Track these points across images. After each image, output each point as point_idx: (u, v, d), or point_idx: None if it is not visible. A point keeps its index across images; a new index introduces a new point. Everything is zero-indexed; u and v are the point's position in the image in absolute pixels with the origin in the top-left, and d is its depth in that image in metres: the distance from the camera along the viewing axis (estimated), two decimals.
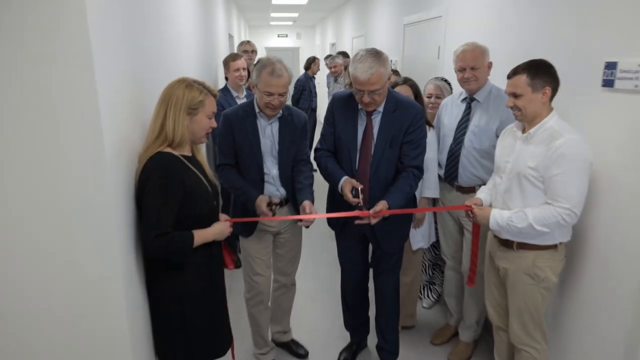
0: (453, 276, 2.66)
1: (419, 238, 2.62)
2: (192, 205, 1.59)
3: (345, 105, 2.12)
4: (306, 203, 2.07)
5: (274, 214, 2.09)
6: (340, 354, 2.58)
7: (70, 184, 1.28)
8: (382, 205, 1.95)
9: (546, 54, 1.88)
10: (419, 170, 2.08)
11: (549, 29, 2.20)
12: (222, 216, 1.81)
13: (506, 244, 1.93)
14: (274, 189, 2.20)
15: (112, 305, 1.39)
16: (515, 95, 1.80)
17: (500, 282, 2.05)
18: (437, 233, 2.79)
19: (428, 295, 3.13)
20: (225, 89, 3.37)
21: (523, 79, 1.76)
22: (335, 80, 5.91)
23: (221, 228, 1.71)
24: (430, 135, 2.47)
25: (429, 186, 2.50)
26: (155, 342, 1.70)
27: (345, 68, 3.60)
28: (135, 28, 1.70)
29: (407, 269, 2.70)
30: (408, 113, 2.03)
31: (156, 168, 1.52)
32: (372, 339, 2.61)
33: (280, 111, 2.14)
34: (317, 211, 2.09)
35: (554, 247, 1.85)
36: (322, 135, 2.22)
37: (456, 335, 2.71)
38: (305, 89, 5.88)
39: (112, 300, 1.39)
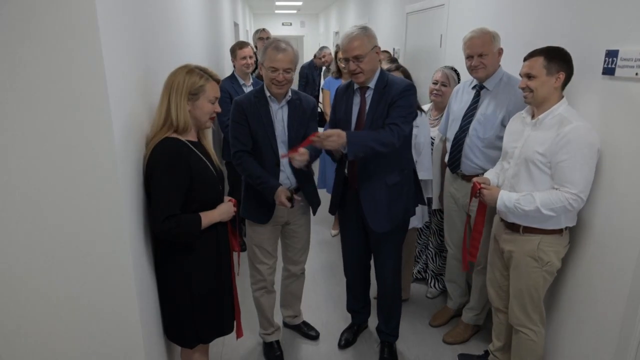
0: (455, 265, 2.68)
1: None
2: (198, 189, 1.62)
3: (344, 92, 2.23)
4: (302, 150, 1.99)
5: (292, 206, 2.12)
6: (342, 334, 2.65)
7: (79, 169, 1.30)
8: (334, 132, 1.91)
9: (547, 42, 1.90)
10: (397, 127, 2.00)
11: (550, 17, 2.19)
12: (226, 198, 1.84)
13: (512, 227, 1.95)
14: (284, 176, 2.20)
15: (121, 287, 1.42)
16: (529, 77, 1.82)
17: (503, 264, 2.08)
18: (442, 220, 2.85)
19: (435, 285, 3.12)
20: (232, 77, 3.40)
21: (540, 61, 1.79)
22: (328, 69, 5.89)
23: (226, 208, 1.74)
24: (422, 119, 2.51)
25: (422, 168, 2.55)
26: (164, 322, 1.76)
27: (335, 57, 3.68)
28: (142, 14, 1.71)
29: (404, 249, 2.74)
30: (396, 87, 2.06)
31: (163, 153, 1.56)
32: (373, 321, 2.67)
33: (290, 94, 2.17)
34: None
35: (559, 232, 1.88)
36: (327, 122, 2.32)
37: (455, 317, 2.77)
38: (308, 80, 5.87)
39: (121, 282, 1.41)
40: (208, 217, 1.66)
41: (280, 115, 2.18)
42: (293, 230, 2.38)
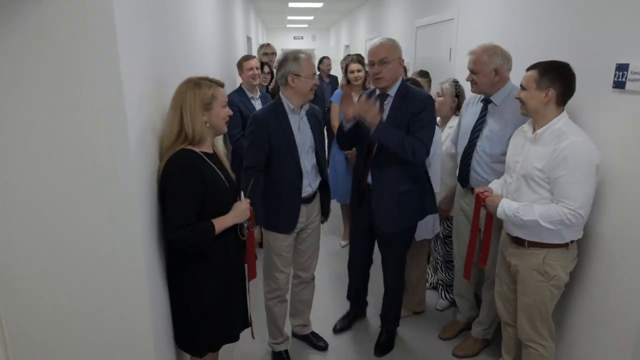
0: (462, 278, 2.62)
1: (422, 229, 2.67)
2: (211, 201, 1.63)
3: (366, 97, 2.31)
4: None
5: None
6: (338, 320, 2.85)
7: (94, 177, 1.31)
8: (377, 116, 2.10)
9: (557, 56, 1.90)
10: (424, 147, 2.13)
11: (560, 31, 2.20)
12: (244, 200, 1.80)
13: (517, 241, 1.95)
14: (306, 183, 2.26)
15: (134, 295, 1.43)
16: (522, 88, 1.87)
17: (511, 278, 2.07)
18: (449, 228, 2.86)
19: (445, 296, 3.09)
20: (239, 90, 3.43)
21: (533, 74, 1.83)
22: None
23: (241, 209, 1.73)
24: (437, 133, 2.52)
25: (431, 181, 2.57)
26: (175, 330, 1.76)
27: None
28: (160, 27, 1.75)
29: (415, 260, 2.80)
30: (418, 98, 2.20)
31: (178, 164, 1.58)
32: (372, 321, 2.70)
33: (308, 105, 2.25)
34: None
35: (565, 245, 1.86)
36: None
37: (465, 330, 2.74)
38: (317, 94, 5.86)
39: (134, 290, 1.42)
40: (221, 223, 1.66)
41: (301, 126, 2.23)
42: (307, 235, 2.41)
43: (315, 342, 2.69)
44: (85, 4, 1.20)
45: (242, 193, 1.82)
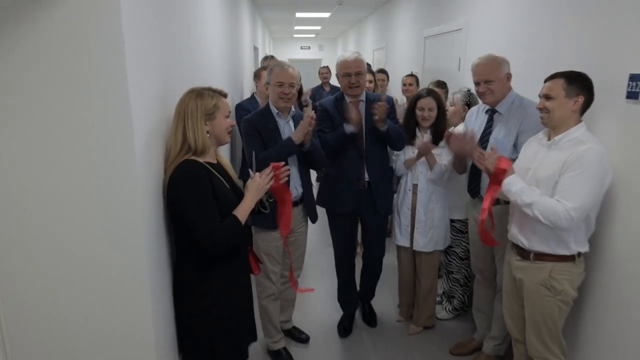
0: (482, 291, 2.59)
1: (435, 240, 2.68)
2: (218, 211, 1.61)
3: (336, 105, 2.61)
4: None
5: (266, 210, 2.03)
6: (339, 326, 2.92)
7: (97, 185, 1.31)
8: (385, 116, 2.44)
9: (569, 66, 1.89)
10: (402, 132, 2.61)
11: (572, 41, 2.18)
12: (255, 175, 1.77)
13: (523, 254, 1.92)
14: (292, 185, 2.35)
15: (137, 303, 1.42)
16: (547, 97, 1.83)
17: (518, 293, 2.03)
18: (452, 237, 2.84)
19: (447, 308, 3.05)
20: (252, 98, 3.53)
21: (560, 82, 1.81)
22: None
23: (255, 187, 1.70)
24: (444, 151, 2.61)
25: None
26: (180, 341, 1.74)
27: None
28: (168, 36, 1.76)
29: (425, 272, 2.77)
30: (387, 99, 2.56)
31: (183, 177, 1.57)
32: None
33: (294, 109, 2.42)
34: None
35: (572, 258, 1.83)
36: (318, 130, 2.56)
37: (478, 349, 2.66)
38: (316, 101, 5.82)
39: (137, 299, 1.42)
40: (242, 210, 1.64)
41: (287, 130, 2.38)
42: (295, 237, 2.52)
43: (298, 335, 2.82)
44: (93, 11, 1.21)
45: (250, 172, 1.82)
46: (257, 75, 3.63)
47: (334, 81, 5.90)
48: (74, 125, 1.27)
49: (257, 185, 1.71)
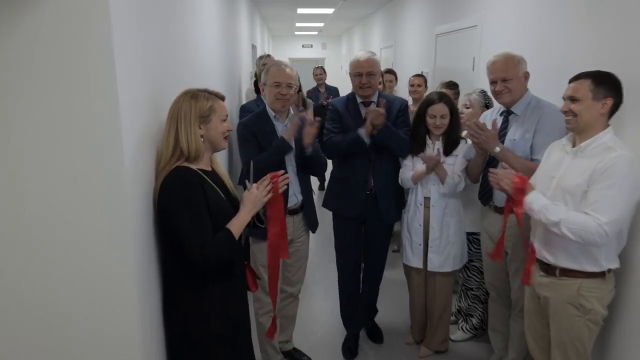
0: (497, 309, 2.47)
1: (451, 258, 2.50)
2: (212, 220, 1.55)
3: (347, 106, 2.59)
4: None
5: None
6: (344, 346, 2.80)
7: (85, 190, 1.27)
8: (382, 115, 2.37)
9: (588, 67, 1.80)
10: (406, 139, 2.53)
11: (592, 41, 2.11)
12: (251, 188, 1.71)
13: (547, 270, 1.83)
14: (291, 192, 2.28)
15: (125, 331, 1.37)
16: (573, 100, 1.75)
17: (542, 312, 1.92)
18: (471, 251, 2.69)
19: (463, 328, 2.87)
20: (259, 99, 3.47)
21: (587, 83, 1.72)
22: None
23: (252, 200, 1.63)
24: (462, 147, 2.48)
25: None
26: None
27: None
28: (160, 35, 1.73)
29: (439, 293, 2.59)
30: (396, 103, 2.57)
31: (175, 185, 1.50)
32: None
33: (291, 111, 2.36)
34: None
35: (602, 275, 1.74)
36: (327, 129, 2.56)
37: None
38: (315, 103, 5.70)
39: (125, 325, 1.37)
40: (237, 224, 1.58)
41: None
42: (295, 248, 2.42)
43: (299, 357, 2.68)
44: (81, 10, 1.18)
45: (246, 183, 1.75)
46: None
47: (329, 81, 5.88)
48: (57, 129, 1.23)
49: (254, 197, 1.64)
